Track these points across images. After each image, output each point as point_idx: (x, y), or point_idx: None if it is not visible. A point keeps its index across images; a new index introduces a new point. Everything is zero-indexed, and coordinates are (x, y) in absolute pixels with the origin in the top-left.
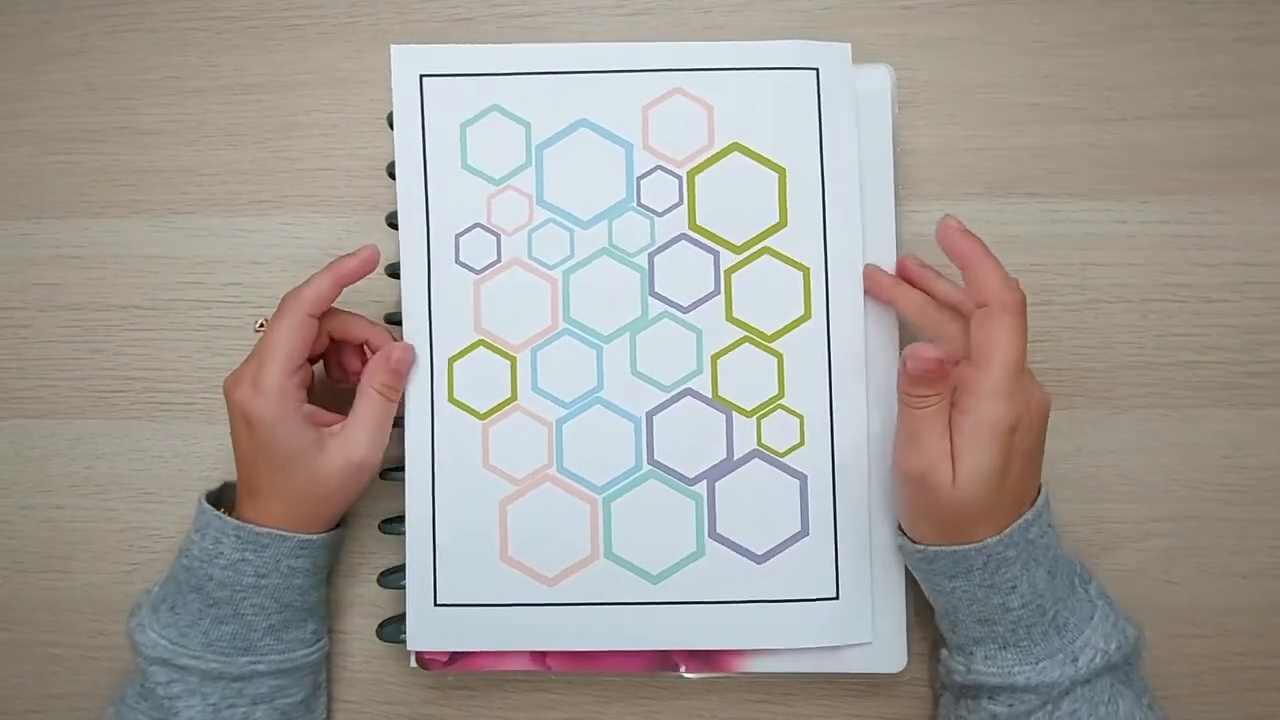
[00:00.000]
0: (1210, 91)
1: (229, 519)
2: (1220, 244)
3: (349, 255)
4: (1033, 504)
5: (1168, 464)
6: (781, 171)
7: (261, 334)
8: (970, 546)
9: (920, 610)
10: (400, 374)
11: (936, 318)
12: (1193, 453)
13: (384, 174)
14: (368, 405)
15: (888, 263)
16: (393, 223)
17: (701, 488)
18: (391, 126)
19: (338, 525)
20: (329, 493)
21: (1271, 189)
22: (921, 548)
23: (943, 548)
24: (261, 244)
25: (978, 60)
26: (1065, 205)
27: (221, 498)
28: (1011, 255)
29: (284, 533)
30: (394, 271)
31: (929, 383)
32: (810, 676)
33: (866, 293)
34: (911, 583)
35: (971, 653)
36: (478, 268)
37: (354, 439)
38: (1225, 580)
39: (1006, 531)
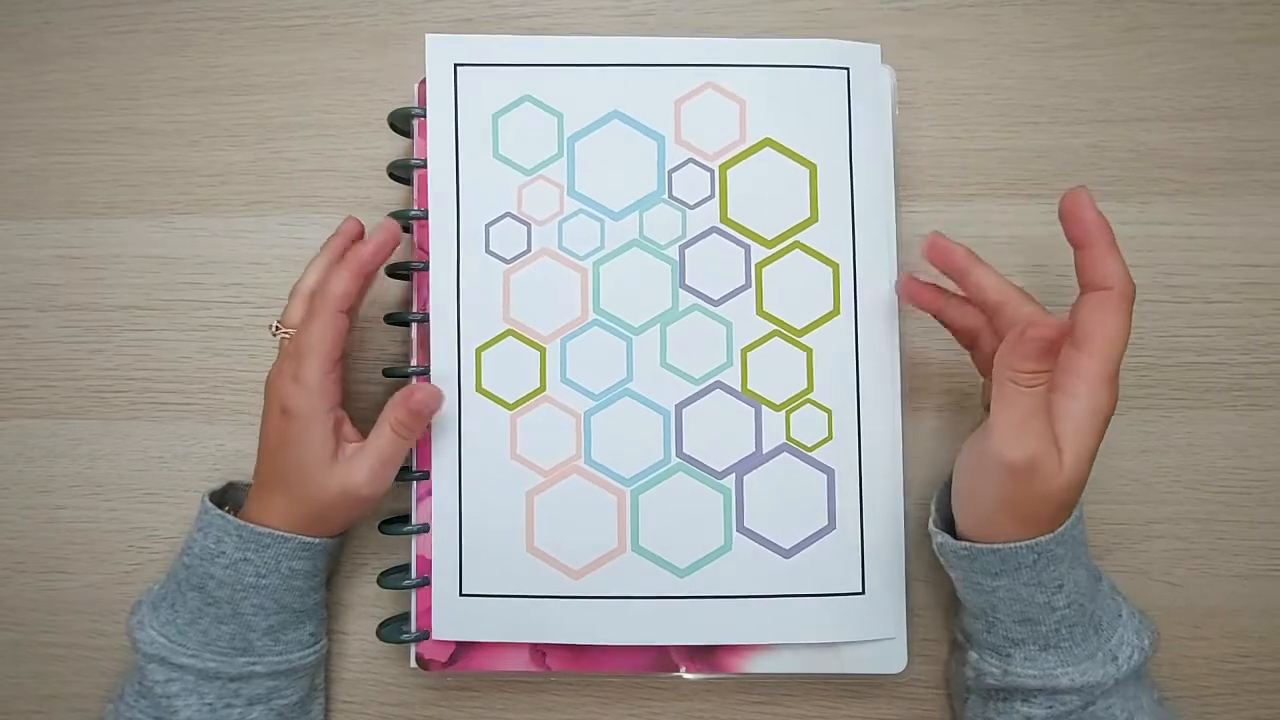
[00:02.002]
0: (1212, 93)
1: (231, 518)
2: (1222, 245)
3: (361, 244)
4: None
5: (1168, 465)
6: (812, 168)
7: (281, 336)
8: (1022, 544)
9: (920, 610)
10: (419, 415)
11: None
12: (1193, 454)
13: (384, 174)
14: (378, 439)
15: (888, 262)
16: None
17: (730, 481)
18: (393, 128)
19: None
20: (323, 509)
21: (1273, 191)
22: (965, 545)
23: (988, 545)
24: (262, 244)
25: (978, 61)
26: None
27: (225, 497)
28: (1012, 256)
29: (285, 534)
30: (394, 272)
31: (1047, 356)
32: (810, 677)
33: (909, 303)
34: (909, 582)
35: (1009, 655)
36: (508, 257)
37: (356, 467)
38: (1226, 581)
39: (1062, 528)
